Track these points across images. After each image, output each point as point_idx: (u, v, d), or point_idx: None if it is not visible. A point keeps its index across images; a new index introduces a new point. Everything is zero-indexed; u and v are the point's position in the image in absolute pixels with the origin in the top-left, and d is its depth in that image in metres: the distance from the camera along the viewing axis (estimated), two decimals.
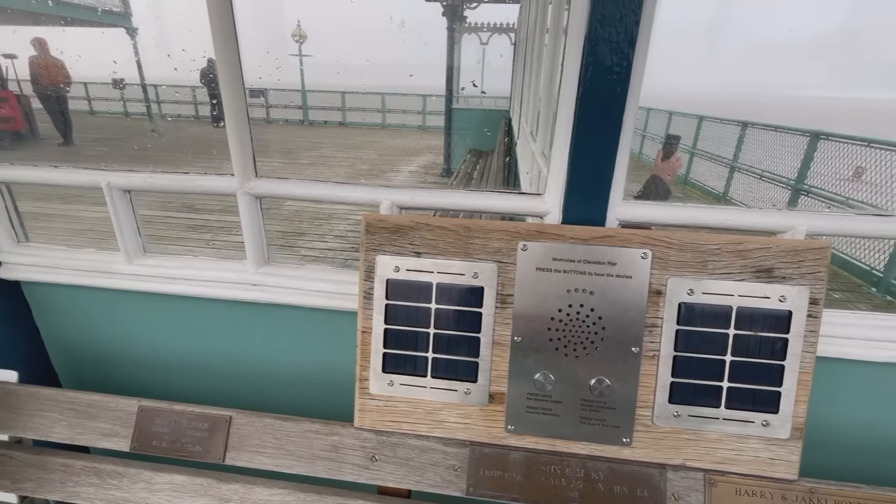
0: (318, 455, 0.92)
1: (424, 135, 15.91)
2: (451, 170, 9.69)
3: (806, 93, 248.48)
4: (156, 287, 1.11)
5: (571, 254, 0.82)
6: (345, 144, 13.63)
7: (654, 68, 0.82)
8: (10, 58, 10.31)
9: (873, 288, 4.65)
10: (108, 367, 1.23)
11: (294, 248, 5.69)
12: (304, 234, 6.09)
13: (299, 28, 17.52)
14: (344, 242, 5.85)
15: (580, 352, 0.84)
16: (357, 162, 11.23)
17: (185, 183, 1.04)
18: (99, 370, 1.24)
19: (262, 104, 17.55)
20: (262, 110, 17.79)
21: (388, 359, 0.89)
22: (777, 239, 0.82)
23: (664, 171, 2.24)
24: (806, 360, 0.79)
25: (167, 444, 0.95)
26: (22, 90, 10.35)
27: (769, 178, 6.88)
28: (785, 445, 0.81)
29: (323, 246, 5.75)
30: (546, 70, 3.05)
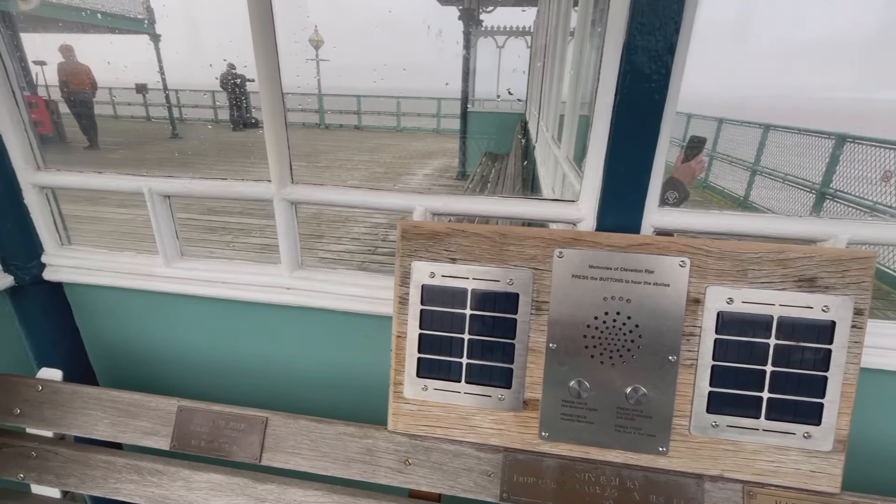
0: (353, 458, 0.93)
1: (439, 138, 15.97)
2: (466, 173, 9.71)
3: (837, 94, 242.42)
4: (192, 290, 1.14)
5: (608, 261, 0.82)
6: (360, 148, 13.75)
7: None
8: (39, 64, 10.68)
9: None
10: (144, 367, 1.26)
11: (312, 250, 5.75)
12: (322, 237, 6.16)
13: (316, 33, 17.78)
14: (360, 245, 5.90)
15: (616, 359, 0.83)
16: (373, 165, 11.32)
17: (223, 189, 1.07)
18: (135, 370, 1.28)
19: None
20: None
21: (423, 363, 0.90)
22: (820, 248, 0.80)
23: (684, 174, 2.20)
24: (850, 372, 0.78)
25: (205, 443, 0.97)
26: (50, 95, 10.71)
27: (792, 181, 6.74)
28: (827, 458, 0.80)
29: (340, 248, 5.81)
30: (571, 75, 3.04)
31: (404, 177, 10.21)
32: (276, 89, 0.97)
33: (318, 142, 14.66)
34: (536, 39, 8.61)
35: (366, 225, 6.51)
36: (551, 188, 3.27)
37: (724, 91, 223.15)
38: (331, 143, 14.52)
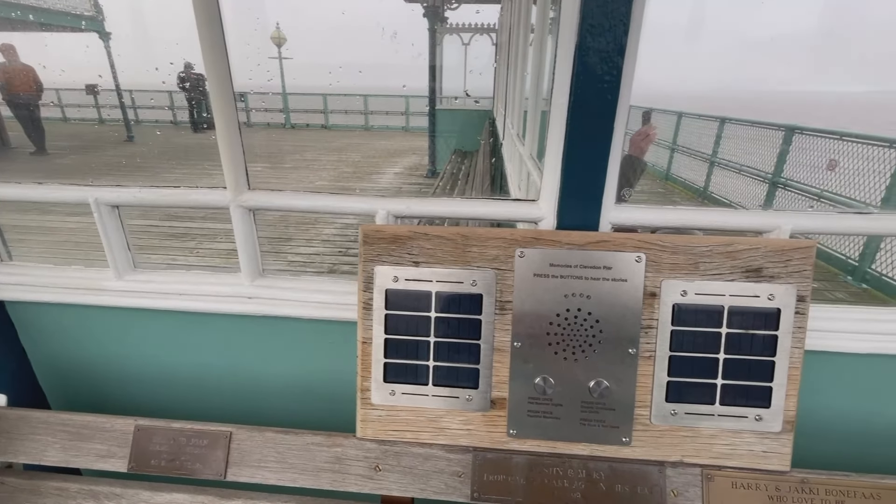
0: (322, 467, 0.92)
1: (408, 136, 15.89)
2: (436, 171, 9.69)
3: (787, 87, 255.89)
4: (147, 303, 1.09)
5: (568, 259, 0.84)
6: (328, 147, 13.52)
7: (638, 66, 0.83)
8: None
9: (849, 277, 4.81)
10: (100, 387, 1.20)
11: (281, 253, 5.62)
12: (291, 239, 6.03)
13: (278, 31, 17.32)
14: (331, 247, 5.81)
15: (579, 355, 0.85)
16: (341, 165, 11.15)
17: (176, 197, 1.03)
18: (91, 390, 1.21)
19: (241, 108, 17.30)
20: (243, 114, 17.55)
21: (389, 368, 0.89)
22: (765, 239, 0.84)
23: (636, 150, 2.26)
24: (795, 356, 0.82)
25: (166, 462, 0.94)
26: None
27: (748, 172, 7.06)
28: (777, 438, 0.84)
29: (310, 251, 5.70)
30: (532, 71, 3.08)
31: (374, 176, 10.10)
32: (227, 91, 0.93)
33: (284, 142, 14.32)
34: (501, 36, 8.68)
35: (336, 226, 6.41)
36: (517, 185, 3.31)
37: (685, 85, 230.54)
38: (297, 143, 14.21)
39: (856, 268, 4.76)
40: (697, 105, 10.35)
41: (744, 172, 7.19)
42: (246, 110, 17.57)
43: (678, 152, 9.34)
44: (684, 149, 9.17)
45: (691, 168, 8.81)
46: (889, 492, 0.84)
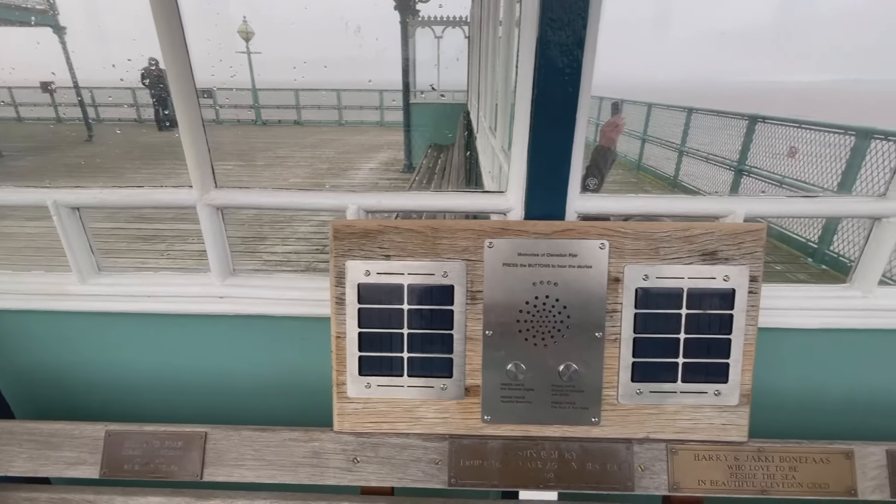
0: (300, 462, 0.92)
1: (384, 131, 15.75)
2: (412, 165, 9.66)
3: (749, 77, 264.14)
4: (115, 306, 1.07)
5: (535, 248, 0.86)
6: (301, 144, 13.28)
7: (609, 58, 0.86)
8: None
9: (809, 258, 5.04)
10: (69, 394, 1.17)
11: (256, 253, 5.53)
12: (266, 238, 5.92)
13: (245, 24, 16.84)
14: (308, 245, 5.74)
15: (548, 340, 0.88)
16: (316, 161, 10.98)
17: (139, 198, 1.00)
18: (59, 398, 1.18)
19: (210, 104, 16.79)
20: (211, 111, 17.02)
21: (364, 362, 0.90)
22: (719, 224, 0.89)
23: (606, 140, 2.31)
24: (749, 333, 0.87)
25: (140, 466, 0.93)
26: None
27: (714, 160, 7.29)
28: (735, 411, 0.89)
29: (286, 249, 5.62)
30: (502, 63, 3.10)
31: (349, 172, 10.00)
32: (188, 87, 0.92)
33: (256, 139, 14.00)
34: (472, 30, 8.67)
35: (312, 224, 6.33)
36: (491, 178, 3.34)
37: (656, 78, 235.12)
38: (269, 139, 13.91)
39: (815, 250, 5.00)
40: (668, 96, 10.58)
41: (711, 161, 7.43)
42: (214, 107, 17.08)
43: (649, 142, 9.57)
44: (654, 139, 9.40)
45: (663, 157, 9.04)
46: (837, 455, 0.90)
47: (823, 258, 4.90)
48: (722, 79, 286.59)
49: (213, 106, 16.93)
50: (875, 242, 0.99)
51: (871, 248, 1.00)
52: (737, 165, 6.53)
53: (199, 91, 0.95)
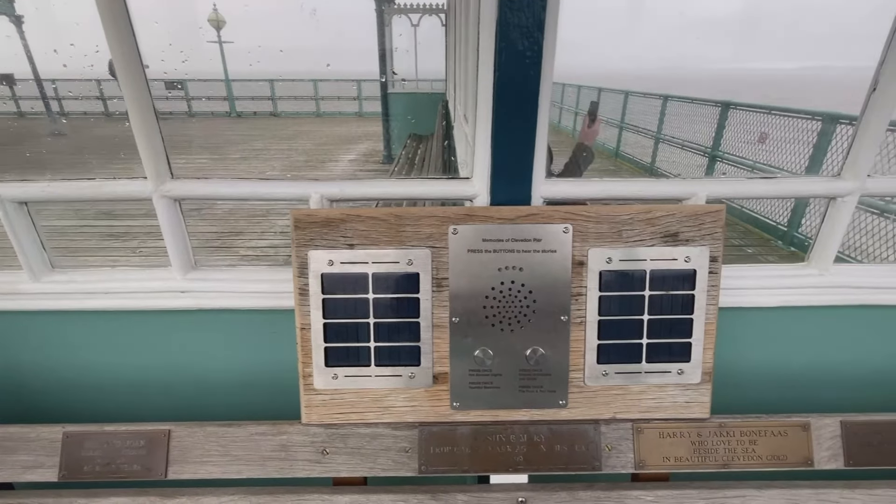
0: (268, 456, 0.91)
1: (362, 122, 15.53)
2: (392, 156, 9.56)
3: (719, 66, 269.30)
4: (70, 304, 1.03)
5: (499, 233, 0.86)
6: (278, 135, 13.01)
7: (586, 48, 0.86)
8: None
9: (779, 241, 5.20)
10: (25, 397, 1.13)
11: (232, 248, 5.42)
12: (242, 233, 5.80)
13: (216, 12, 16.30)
14: (286, 238, 5.64)
15: (515, 325, 0.88)
16: (293, 153, 10.78)
17: (91, 190, 0.96)
18: (14, 401, 1.13)
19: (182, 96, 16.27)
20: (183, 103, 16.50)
21: (331, 353, 0.89)
22: (680, 206, 0.90)
23: (586, 138, 2.42)
24: (710, 312, 0.89)
25: (100, 467, 0.90)
26: None
27: (690, 147, 7.42)
28: (697, 389, 0.91)
29: (264, 244, 5.52)
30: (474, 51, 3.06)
31: (328, 164, 9.85)
32: (137, 74, 0.88)
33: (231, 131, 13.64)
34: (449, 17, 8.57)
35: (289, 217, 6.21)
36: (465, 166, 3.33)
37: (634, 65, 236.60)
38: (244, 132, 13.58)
39: (785, 233, 5.15)
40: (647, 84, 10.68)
41: (687, 148, 7.56)
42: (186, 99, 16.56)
43: (627, 130, 9.67)
44: (632, 126, 9.51)
45: (641, 145, 9.16)
46: (794, 428, 0.93)
47: (792, 240, 5.06)
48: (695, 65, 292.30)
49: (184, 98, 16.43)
50: (830, 221, 1.02)
51: (826, 226, 1.03)
52: (710, 152, 6.66)
53: (169, 82, 0.91)
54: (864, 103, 0.92)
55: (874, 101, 0.90)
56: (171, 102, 15.91)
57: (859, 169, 0.96)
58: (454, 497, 0.91)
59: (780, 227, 5.25)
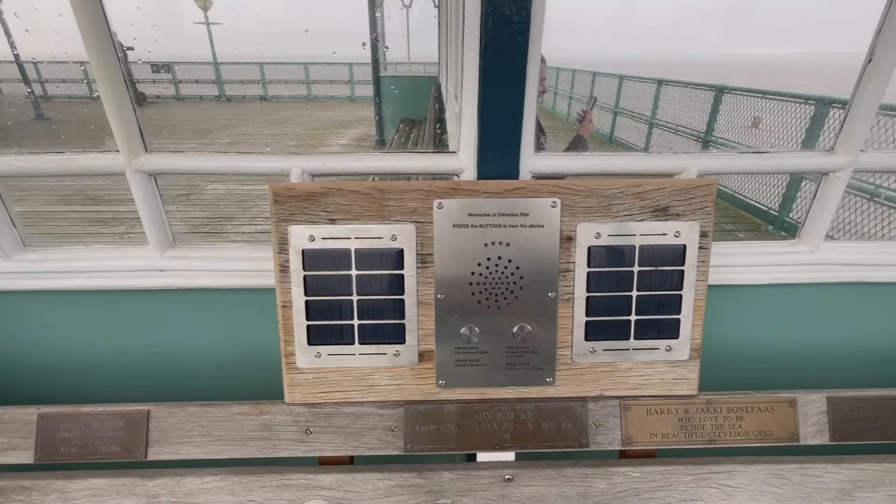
0: (250, 436, 0.89)
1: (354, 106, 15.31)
2: (384, 140, 9.44)
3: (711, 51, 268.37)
4: (43, 284, 0.99)
5: (486, 208, 0.83)
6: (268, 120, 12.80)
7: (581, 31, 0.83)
8: None
9: (770, 226, 5.23)
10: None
11: (223, 233, 5.35)
12: (233, 218, 5.73)
13: None
14: None
15: (501, 302, 0.86)
16: (283, 138, 10.62)
17: (60, 164, 0.92)
18: None
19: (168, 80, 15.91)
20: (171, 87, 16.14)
21: (313, 331, 0.87)
22: (671, 179, 0.88)
23: (584, 130, 2.56)
24: (699, 288, 0.87)
25: (77, 449, 0.88)
26: None
27: (684, 132, 7.39)
28: (686, 366, 0.90)
29: (254, 229, 5.45)
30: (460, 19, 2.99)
31: (321, 148, 9.71)
32: (105, 44, 0.83)
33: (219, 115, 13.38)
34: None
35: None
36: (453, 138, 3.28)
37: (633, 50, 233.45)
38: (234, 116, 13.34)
39: (776, 217, 5.18)
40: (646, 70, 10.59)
41: (681, 133, 7.53)
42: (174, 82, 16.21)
43: (621, 115, 9.61)
44: (626, 111, 9.44)
45: (635, 129, 9.12)
46: (781, 404, 0.93)
47: (783, 225, 5.08)
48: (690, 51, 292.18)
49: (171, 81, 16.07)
50: (822, 198, 1.00)
51: (818, 203, 1.02)
52: (704, 136, 6.64)
53: (156, 65, 0.86)
54: (860, 75, 0.90)
55: (869, 72, 0.88)
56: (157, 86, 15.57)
57: (853, 143, 0.94)
58: (440, 475, 0.90)
59: (771, 212, 5.27)
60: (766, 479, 0.92)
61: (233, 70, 16.69)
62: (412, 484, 0.90)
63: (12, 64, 11.64)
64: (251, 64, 16.60)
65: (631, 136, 9.25)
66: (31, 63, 13.78)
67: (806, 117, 4.99)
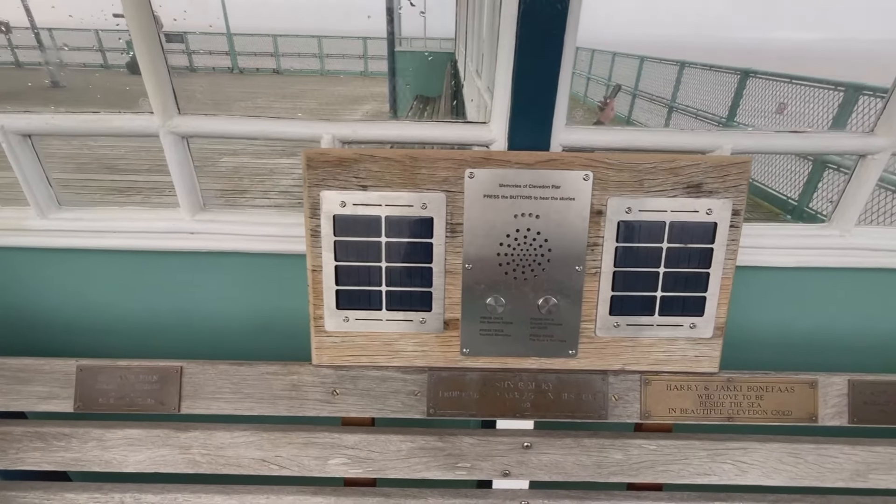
0: (278, 395, 0.92)
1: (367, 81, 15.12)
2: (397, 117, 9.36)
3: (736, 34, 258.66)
4: (79, 242, 1.02)
5: (517, 179, 0.83)
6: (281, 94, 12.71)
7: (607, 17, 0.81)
8: None
9: (788, 216, 5.14)
10: (34, 334, 1.14)
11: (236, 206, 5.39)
12: (247, 192, 5.77)
13: None
14: (290, 198, 5.61)
15: (528, 274, 0.87)
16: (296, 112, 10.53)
17: (96, 124, 0.93)
18: (23, 338, 1.14)
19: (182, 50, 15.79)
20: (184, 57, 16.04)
21: (342, 295, 0.89)
22: (705, 156, 0.87)
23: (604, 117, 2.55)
24: (727, 267, 0.87)
25: (115, 400, 0.92)
26: None
27: (704, 116, 7.22)
28: (708, 343, 0.91)
29: (268, 203, 5.50)
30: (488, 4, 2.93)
31: None
32: (144, 12, 0.83)
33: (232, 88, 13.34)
34: None
35: (293, 177, 6.16)
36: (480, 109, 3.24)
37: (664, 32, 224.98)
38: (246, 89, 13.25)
39: (795, 207, 5.08)
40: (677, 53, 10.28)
41: (700, 117, 7.35)
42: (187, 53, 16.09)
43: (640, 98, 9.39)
44: (645, 94, 9.22)
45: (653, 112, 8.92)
46: (802, 385, 0.94)
47: (802, 215, 4.99)
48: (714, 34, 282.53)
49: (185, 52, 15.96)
50: (857, 180, 0.98)
51: (853, 186, 1.00)
52: (726, 122, 6.49)
53: (172, 35, 0.86)
54: None
55: None
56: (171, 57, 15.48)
57: (893, 125, 0.92)
58: (461, 440, 0.93)
59: (790, 201, 5.17)
60: (781, 457, 0.94)
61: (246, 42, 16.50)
62: (433, 447, 0.93)
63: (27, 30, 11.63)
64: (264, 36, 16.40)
65: (649, 120, 9.06)
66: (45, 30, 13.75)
67: (833, 104, 4.84)
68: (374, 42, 15.39)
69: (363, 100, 12.08)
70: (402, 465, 0.93)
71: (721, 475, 0.94)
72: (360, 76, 15.91)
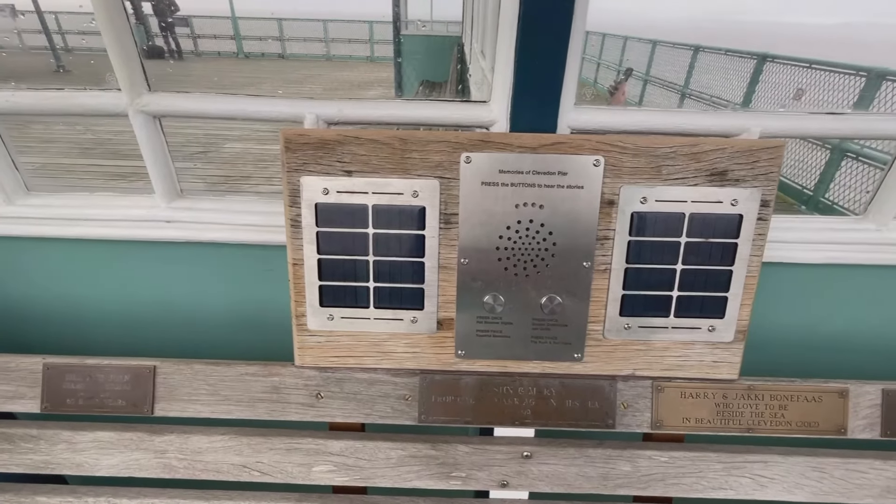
0: (258, 398, 0.86)
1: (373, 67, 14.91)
2: None
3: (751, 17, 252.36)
4: (47, 230, 0.95)
5: (519, 164, 0.74)
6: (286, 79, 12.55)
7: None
8: None
9: (803, 206, 4.98)
10: (6, 326, 1.08)
11: (240, 192, 5.33)
12: (251, 178, 5.70)
13: None
14: None
15: (530, 270, 0.79)
16: None
17: (59, 101, 0.85)
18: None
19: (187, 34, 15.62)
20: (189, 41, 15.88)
21: (326, 292, 0.81)
22: (732, 139, 0.77)
23: (615, 102, 2.43)
24: (753, 264, 0.78)
25: (84, 401, 0.85)
26: None
27: (718, 103, 7.00)
28: (728, 348, 0.83)
29: (272, 189, 5.42)
30: None
31: None
32: None
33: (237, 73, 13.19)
34: None
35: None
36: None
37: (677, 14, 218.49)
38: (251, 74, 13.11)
39: (810, 197, 4.92)
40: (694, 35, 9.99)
41: (715, 103, 7.13)
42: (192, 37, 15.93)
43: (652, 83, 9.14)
44: (657, 80, 8.97)
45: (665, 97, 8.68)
46: (831, 394, 0.85)
47: (817, 206, 4.84)
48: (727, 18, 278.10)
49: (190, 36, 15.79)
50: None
51: (892, 175, 0.90)
52: (741, 108, 6.28)
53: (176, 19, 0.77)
54: None
55: None
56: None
57: None
58: (455, 448, 0.86)
59: (805, 191, 5.01)
60: (804, 471, 0.86)
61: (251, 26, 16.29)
62: (425, 455, 0.86)
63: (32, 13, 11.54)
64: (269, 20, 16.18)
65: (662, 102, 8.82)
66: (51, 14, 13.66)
67: (855, 90, 4.65)
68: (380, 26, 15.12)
69: (369, 85, 11.91)
70: (391, 474, 0.87)
71: (738, 489, 0.86)
72: (366, 61, 15.67)
